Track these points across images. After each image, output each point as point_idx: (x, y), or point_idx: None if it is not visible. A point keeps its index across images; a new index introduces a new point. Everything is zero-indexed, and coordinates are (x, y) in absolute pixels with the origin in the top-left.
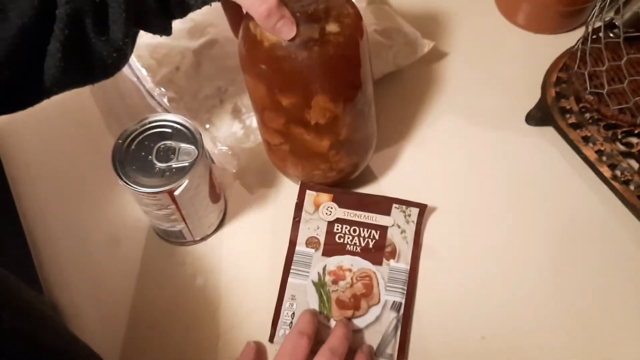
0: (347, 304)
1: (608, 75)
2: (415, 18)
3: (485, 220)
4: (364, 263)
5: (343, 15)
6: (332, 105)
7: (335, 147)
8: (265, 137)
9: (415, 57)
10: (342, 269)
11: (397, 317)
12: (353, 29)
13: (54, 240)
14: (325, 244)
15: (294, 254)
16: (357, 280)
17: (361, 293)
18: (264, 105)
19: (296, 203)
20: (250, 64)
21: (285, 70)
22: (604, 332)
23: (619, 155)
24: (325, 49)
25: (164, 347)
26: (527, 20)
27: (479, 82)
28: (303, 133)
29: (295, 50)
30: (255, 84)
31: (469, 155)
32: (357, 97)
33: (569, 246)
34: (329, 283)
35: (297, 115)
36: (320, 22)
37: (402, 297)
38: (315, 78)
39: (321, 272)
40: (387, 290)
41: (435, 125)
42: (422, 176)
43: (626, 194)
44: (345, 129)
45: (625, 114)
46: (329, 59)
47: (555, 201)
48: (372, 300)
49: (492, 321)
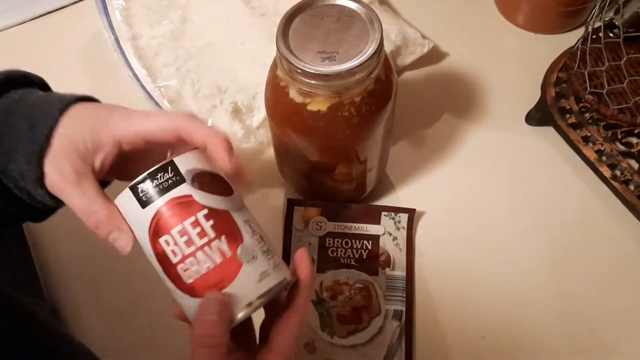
0: (348, 318)
1: (608, 75)
2: (415, 18)
3: (485, 220)
4: (360, 275)
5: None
6: (359, 167)
7: (354, 186)
8: (282, 166)
9: (415, 57)
10: (339, 283)
11: (400, 326)
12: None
13: (54, 240)
14: (319, 259)
15: None
16: (355, 293)
17: (361, 305)
18: (287, 150)
19: (284, 220)
20: (279, 118)
21: (317, 139)
22: (604, 332)
23: (618, 155)
24: (360, 126)
25: (164, 347)
26: (526, 20)
27: (478, 82)
28: (326, 179)
29: (331, 120)
30: (282, 135)
31: (469, 155)
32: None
33: (569, 246)
34: (328, 299)
35: (320, 168)
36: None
37: (403, 305)
38: (347, 150)
39: (318, 289)
40: (387, 300)
41: (435, 125)
42: (422, 176)
43: (626, 194)
44: (367, 173)
45: (625, 114)
46: (363, 134)
47: (555, 201)
48: (373, 312)
49: (492, 321)
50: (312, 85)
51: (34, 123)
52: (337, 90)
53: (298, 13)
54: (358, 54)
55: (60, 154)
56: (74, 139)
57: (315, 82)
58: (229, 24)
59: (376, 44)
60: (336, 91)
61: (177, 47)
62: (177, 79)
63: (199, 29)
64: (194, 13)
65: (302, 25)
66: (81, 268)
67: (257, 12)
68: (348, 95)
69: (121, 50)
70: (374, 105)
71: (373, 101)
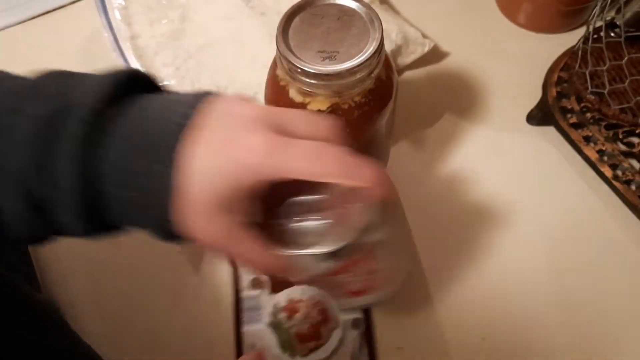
0: (307, 335)
1: (609, 74)
2: (415, 18)
3: (485, 220)
4: (313, 290)
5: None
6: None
7: None
8: None
9: (415, 57)
10: (294, 301)
11: (360, 334)
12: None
13: None
14: (271, 281)
15: (240, 300)
16: (311, 308)
17: (318, 321)
18: None
19: None
20: None
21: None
22: (604, 332)
23: (620, 155)
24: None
25: (164, 347)
26: (527, 19)
27: (479, 82)
28: None
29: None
30: None
31: (469, 155)
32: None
33: (569, 246)
34: (284, 319)
35: None
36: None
37: (359, 313)
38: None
39: (274, 311)
40: (343, 311)
41: (435, 125)
42: (422, 176)
43: (627, 194)
44: None
45: (626, 114)
46: (363, 134)
47: (556, 201)
48: (331, 325)
49: (492, 322)
50: (312, 84)
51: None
52: (338, 90)
53: (298, 12)
54: (358, 53)
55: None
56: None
57: (316, 81)
58: (228, 23)
59: (377, 43)
60: (336, 91)
61: (176, 46)
62: (176, 79)
63: (199, 29)
64: (193, 12)
65: (302, 25)
66: (81, 268)
67: (257, 11)
68: (348, 94)
69: (120, 50)
70: (375, 105)
71: (373, 101)
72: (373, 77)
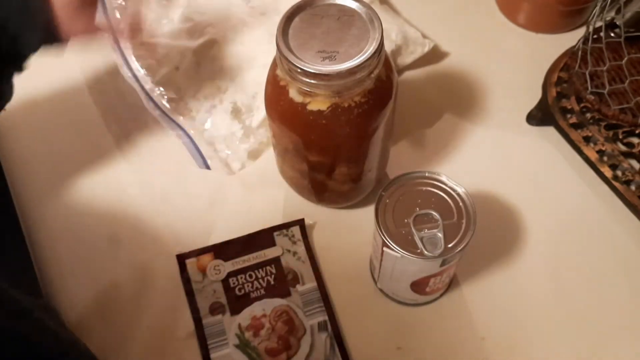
0: (277, 349)
1: (609, 75)
2: (415, 17)
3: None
4: (273, 302)
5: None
6: (359, 167)
7: (355, 186)
8: (282, 166)
9: (415, 57)
10: (257, 317)
11: (329, 335)
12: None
13: (53, 240)
14: (229, 302)
15: (203, 328)
16: (276, 321)
17: (285, 331)
18: (287, 150)
19: (181, 277)
20: (279, 117)
21: (317, 138)
22: (604, 332)
23: (620, 156)
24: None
25: (164, 347)
26: (527, 19)
27: (479, 82)
28: (326, 179)
29: (331, 119)
30: (282, 135)
31: (469, 155)
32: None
33: (569, 246)
34: (251, 338)
35: (320, 168)
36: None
37: (324, 315)
38: (347, 149)
39: (238, 332)
40: (308, 316)
41: (435, 125)
42: None
43: (627, 194)
44: (367, 174)
45: (626, 114)
46: (363, 134)
47: (556, 201)
48: (299, 333)
49: (492, 322)
50: (312, 84)
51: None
52: (337, 90)
53: (298, 12)
54: (358, 53)
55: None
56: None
57: (315, 81)
58: (228, 23)
59: (376, 43)
60: (336, 91)
61: (176, 46)
62: (176, 79)
63: (199, 29)
64: (193, 12)
65: (302, 25)
66: (81, 268)
67: (257, 11)
68: (348, 94)
69: (120, 50)
70: (375, 105)
71: (373, 101)
72: (373, 77)
